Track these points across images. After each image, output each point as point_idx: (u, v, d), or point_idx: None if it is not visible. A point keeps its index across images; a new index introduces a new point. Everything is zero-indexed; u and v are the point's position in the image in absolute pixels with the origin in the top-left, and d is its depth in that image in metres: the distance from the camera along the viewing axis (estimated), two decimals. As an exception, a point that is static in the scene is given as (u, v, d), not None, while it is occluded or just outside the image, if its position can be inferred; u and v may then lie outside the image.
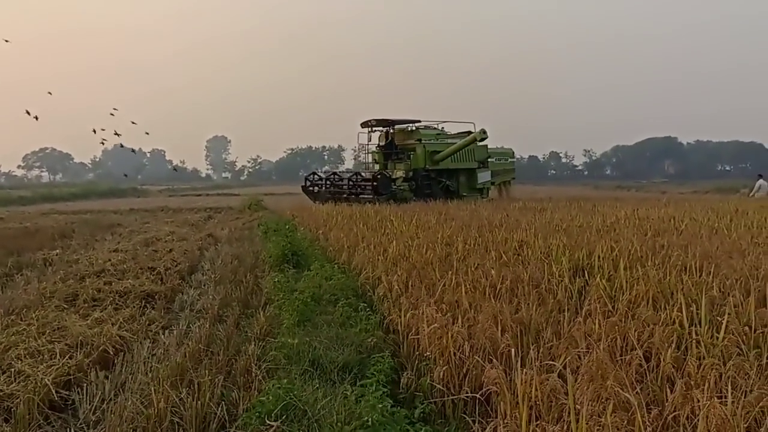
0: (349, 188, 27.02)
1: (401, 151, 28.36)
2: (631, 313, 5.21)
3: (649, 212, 15.85)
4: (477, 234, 11.00)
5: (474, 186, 29.56)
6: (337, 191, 27.35)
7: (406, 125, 29.09)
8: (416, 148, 27.86)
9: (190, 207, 31.03)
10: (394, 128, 28.97)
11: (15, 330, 6.36)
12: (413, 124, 29.08)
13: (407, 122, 29.10)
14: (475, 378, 4.26)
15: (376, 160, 29.24)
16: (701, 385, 3.58)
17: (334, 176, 29.87)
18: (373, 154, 29.69)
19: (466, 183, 29.49)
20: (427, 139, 28.24)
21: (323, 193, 28.03)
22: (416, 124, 29.05)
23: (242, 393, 4.52)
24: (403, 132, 29.01)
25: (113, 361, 5.75)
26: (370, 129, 29.22)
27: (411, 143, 28.24)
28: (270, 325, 6.48)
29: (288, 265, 9.91)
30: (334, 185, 28.35)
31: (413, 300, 6.17)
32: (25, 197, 43.73)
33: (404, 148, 28.35)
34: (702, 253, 8.01)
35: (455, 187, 28.87)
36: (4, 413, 4.37)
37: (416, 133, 28.55)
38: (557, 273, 7.01)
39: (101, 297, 8.23)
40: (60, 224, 20.62)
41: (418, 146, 27.87)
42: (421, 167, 27.69)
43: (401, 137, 28.80)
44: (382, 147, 28.98)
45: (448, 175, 28.82)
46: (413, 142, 28.20)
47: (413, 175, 27.56)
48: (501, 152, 32.10)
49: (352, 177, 28.06)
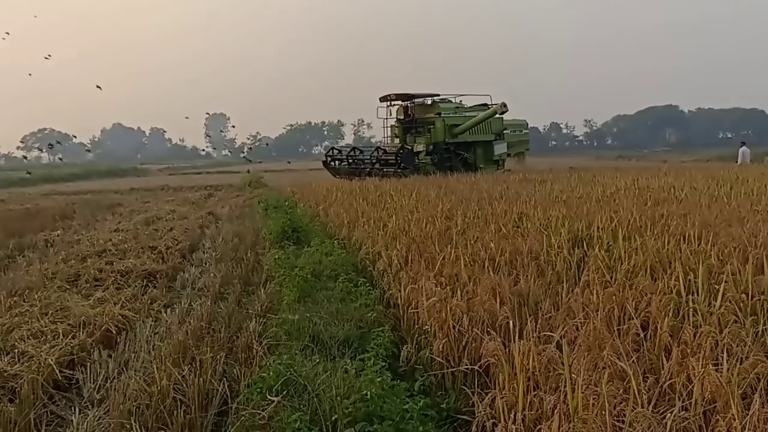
0: (372, 163, 27.18)
1: (420, 124, 28.46)
2: (629, 283, 5.22)
3: (650, 182, 15.82)
4: (477, 207, 11.01)
5: (490, 158, 29.72)
6: (359, 166, 27.63)
7: (425, 99, 29.21)
8: (436, 121, 28.00)
9: (190, 185, 31.06)
10: (414, 102, 29.06)
11: (18, 311, 6.43)
12: (432, 97, 29.21)
13: (426, 96, 29.24)
14: (474, 350, 4.29)
15: (396, 134, 29.27)
16: (697, 353, 3.61)
17: (355, 151, 29.98)
18: (393, 128, 29.68)
19: (483, 155, 29.60)
20: (446, 113, 28.39)
21: (344, 167, 28.37)
22: (435, 98, 29.15)
23: (244, 369, 4.58)
24: (422, 106, 29.14)
25: (116, 340, 5.81)
26: (389, 103, 29.32)
27: (430, 117, 28.37)
28: (271, 302, 6.53)
29: (288, 242, 9.94)
30: (355, 160, 28.57)
31: (413, 274, 6.19)
32: (25, 179, 43.71)
33: (423, 122, 28.45)
34: (701, 221, 8.01)
35: (473, 160, 29.02)
36: (9, 393, 4.43)
37: (435, 107, 28.67)
38: (556, 244, 7.01)
39: (103, 277, 8.28)
40: (61, 205, 20.68)
41: (438, 120, 28.00)
42: (440, 140, 27.88)
43: (420, 111, 28.91)
44: (401, 121, 29.05)
45: (465, 147, 28.98)
46: (433, 115, 28.33)
47: (434, 148, 27.74)
48: (516, 124, 32.13)
49: (374, 152, 28.26)
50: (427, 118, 28.49)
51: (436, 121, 27.99)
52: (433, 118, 28.23)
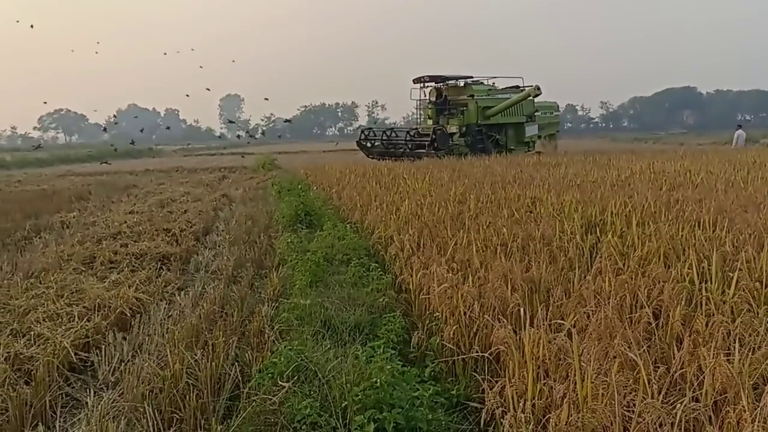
0: (406, 144, 27.37)
1: (453, 106, 28.39)
2: (642, 270, 5.20)
3: (665, 165, 15.67)
4: (490, 191, 10.97)
5: (522, 140, 29.78)
6: (393, 148, 27.83)
7: (458, 81, 29.26)
8: (469, 103, 28.00)
9: (204, 167, 31.18)
10: (447, 84, 29.05)
11: (34, 293, 6.51)
12: (465, 79, 29.26)
13: (459, 78, 29.32)
14: (485, 337, 4.30)
15: (429, 115, 29.14)
16: (709, 342, 3.59)
17: (388, 132, 30.11)
18: (426, 110, 29.59)
19: (514, 137, 29.70)
20: (479, 95, 28.43)
21: (379, 148, 28.68)
22: (468, 80, 29.21)
23: (255, 354, 4.61)
24: (455, 87, 29.17)
25: (130, 322, 5.88)
26: (422, 85, 29.35)
27: (463, 99, 28.38)
28: (283, 286, 6.56)
29: (301, 225, 9.97)
30: (390, 141, 28.72)
31: (425, 259, 6.20)
32: (42, 159, 44.07)
33: (456, 104, 28.40)
34: (716, 207, 7.93)
35: (504, 141, 29.13)
36: (25, 376, 4.50)
37: (468, 89, 28.72)
38: (569, 230, 6.99)
39: (118, 259, 8.35)
40: (77, 186, 20.86)
41: (471, 102, 28.01)
42: (473, 122, 27.94)
43: (453, 93, 28.89)
44: (434, 102, 28.95)
45: (497, 129, 29.08)
46: (466, 97, 28.34)
47: (466, 129, 27.81)
48: (547, 106, 32.07)
49: (409, 132, 28.36)
50: (460, 100, 28.44)
51: (469, 103, 27.97)
52: (466, 99, 28.21)
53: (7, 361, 4.59)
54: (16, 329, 5.33)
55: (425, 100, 29.73)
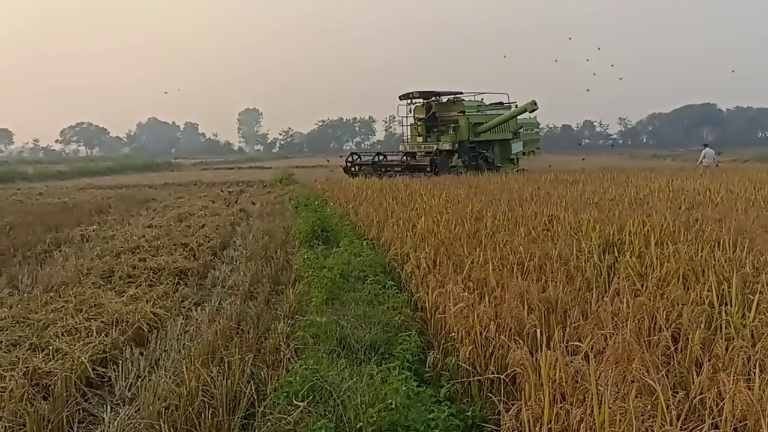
0: (403, 168, 26.31)
1: (444, 123, 28.03)
2: (661, 292, 5.15)
3: (685, 184, 15.55)
4: (507, 208, 10.94)
5: (508, 156, 29.60)
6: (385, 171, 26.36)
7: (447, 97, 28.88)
8: (460, 119, 27.60)
9: (222, 181, 31.38)
10: (438, 99, 28.65)
11: (54, 307, 6.58)
12: (455, 95, 28.88)
13: (448, 94, 28.92)
14: (501, 358, 4.27)
15: (419, 132, 28.65)
16: (728, 367, 3.55)
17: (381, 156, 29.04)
18: (414, 127, 29.02)
19: (500, 153, 29.49)
20: (470, 111, 28.07)
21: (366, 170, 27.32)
22: (458, 95, 28.82)
23: (271, 372, 4.62)
24: (444, 104, 28.76)
25: (147, 338, 5.91)
26: (409, 101, 28.83)
27: (454, 115, 27.95)
28: (299, 303, 6.57)
29: (318, 241, 10.00)
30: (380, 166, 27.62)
31: (441, 277, 6.18)
32: (63, 172, 44.64)
33: (446, 120, 28.02)
34: (737, 227, 7.85)
35: (492, 158, 28.85)
36: (43, 391, 4.54)
37: (459, 105, 28.29)
38: (586, 249, 6.94)
39: (136, 274, 8.41)
40: (97, 199, 21.08)
41: (462, 118, 27.60)
42: (465, 139, 27.55)
43: (443, 109, 28.50)
44: (423, 119, 28.51)
45: (486, 146, 28.74)
46: (456, 114, 27.91)
47: (459, 147, 27.36)
48: (528, 123, 31.87)
49: (404, 157, 27.44)
50: (451, 116, 27.99)
51: (460, 119, 27.56)
52: (457, 116, 27.77)
53: (26, 376, 4.63)
54: (35, 343, 5.38)
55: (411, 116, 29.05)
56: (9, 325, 5.93)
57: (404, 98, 28.77)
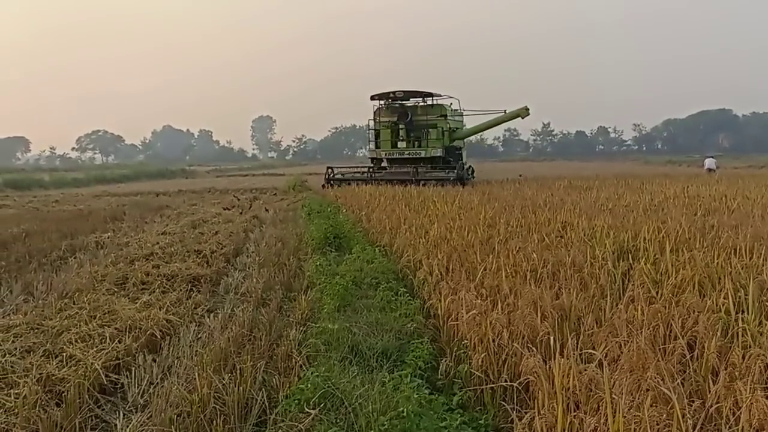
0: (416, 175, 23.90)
1: (424, 127, 26.18)
2: (676, 299, 5.09)
3: (700, 190, 15.43)
4: (520, 215, 10.90)
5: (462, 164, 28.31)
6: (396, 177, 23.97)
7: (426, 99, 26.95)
8: (439, 123, 26.03)
9: (236, 188, 31.49)
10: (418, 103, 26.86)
11: (68, 314, 6.60)
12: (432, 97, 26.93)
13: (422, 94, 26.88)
14: (514, 365, 4.24)
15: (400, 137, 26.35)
16: (745, 376, 3.49)
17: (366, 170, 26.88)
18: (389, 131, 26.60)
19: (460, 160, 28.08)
20: (451, 115, 26.90)
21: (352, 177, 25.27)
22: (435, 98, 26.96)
23: (282, 379, 4.60)
24: (423, 107, 26.86)
25: (160, 344, 5.92)
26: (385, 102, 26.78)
27: (433, 119, 26.19)
28: (311, 310, 6.56)
29: (330, 248, 10.00)
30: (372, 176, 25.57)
31: (453, 284, 6.15)
32: (79, 179, 45.01)
33: (424, 125, 26.11)
34: (753, 233, 7.77)
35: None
36: (56, 397, 4.55)
37: (439, 108, 26.59)
38: (600, 256, 6.89)
39: (150, 280, 8.44)
40: (112, 207, 21.22)
41: (443, 122, 26.09)
42: (449, 144, 26.60)
43: (421, 112, 26.61)
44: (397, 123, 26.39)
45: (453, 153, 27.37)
46: (436, 117, 26.21)
47: (447, 153, 26.25)
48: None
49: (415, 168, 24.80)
50: (429, 121, 26.11)
51: (440, 123, 26.01)
52: (436, 120, 26.08)
53: (39, 382, 4.65)
54: (49, 350, 5.40)
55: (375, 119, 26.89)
56: (24, 331, 5.95)
57: (379, 98, 26.55)
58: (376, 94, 26.60)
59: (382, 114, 26.95)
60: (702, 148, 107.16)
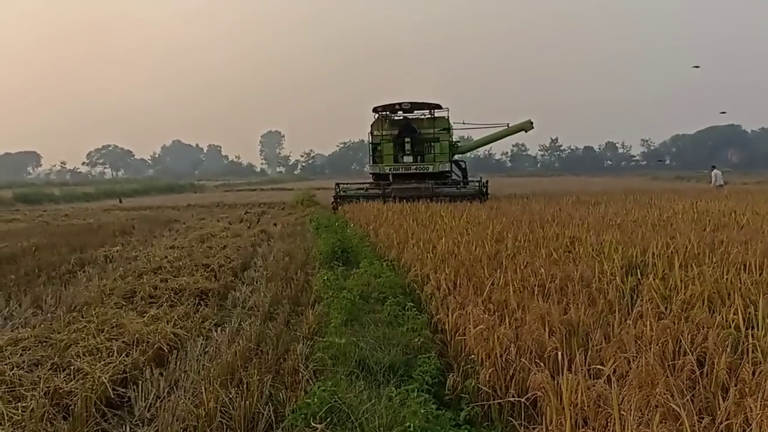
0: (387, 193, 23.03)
1: (428, 140, 25.50)
2: (685, 315, 5.05)
3: (709, 205, 15.35)
4: (528, 230, 10.87)
5: None
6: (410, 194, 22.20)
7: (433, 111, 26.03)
8: (442, 137, 25.38)
9: (244, 202, 31.63)
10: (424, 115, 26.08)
11: (76, 327, 6.61)
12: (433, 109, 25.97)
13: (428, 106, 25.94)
14: (522, 381, 4.22)
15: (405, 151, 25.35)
16: (756, 392, 3.46)
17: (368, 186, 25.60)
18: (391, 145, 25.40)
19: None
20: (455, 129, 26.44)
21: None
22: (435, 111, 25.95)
23: (289, 393, 4.59)
24: (428, 119, 26.05)
25: (167, 358, 5.92)
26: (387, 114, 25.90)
27: (437, 132, 25.51)
28: (318, 324, 6.56)
29: (338, 263, 10.00)
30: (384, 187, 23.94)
31: (461, 299, 6.13)
32: (89, 193, 45.31)
33: (428, 139, 25.48)
34: (763, 249, 7.72)
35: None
36: (63, 411, 4.55)
37: (441, 121, 25.80)
38: (609, 271, 6.86)
39: (157, 294, 8.46)
40: (121, 221, 21.34)
41: (446, 135, 25.44)
42: (453, 159, 26.35)
43: (426, 125, 25.82)
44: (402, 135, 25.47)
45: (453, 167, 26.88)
46: (439, 131, 25.50)
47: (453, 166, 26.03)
48: None
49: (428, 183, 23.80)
50: (433, 134, 25.45)
51: (443, 137, 25.38)
52: (439, 133, 25.44)
53: (47, 395, 4.65)
54: (57, 363, 5.41)
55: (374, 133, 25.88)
56: (32, 345, 5.97)
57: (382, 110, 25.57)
58: (379, 105, 25.73)
59: (384, 127, 25.92)
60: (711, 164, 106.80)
